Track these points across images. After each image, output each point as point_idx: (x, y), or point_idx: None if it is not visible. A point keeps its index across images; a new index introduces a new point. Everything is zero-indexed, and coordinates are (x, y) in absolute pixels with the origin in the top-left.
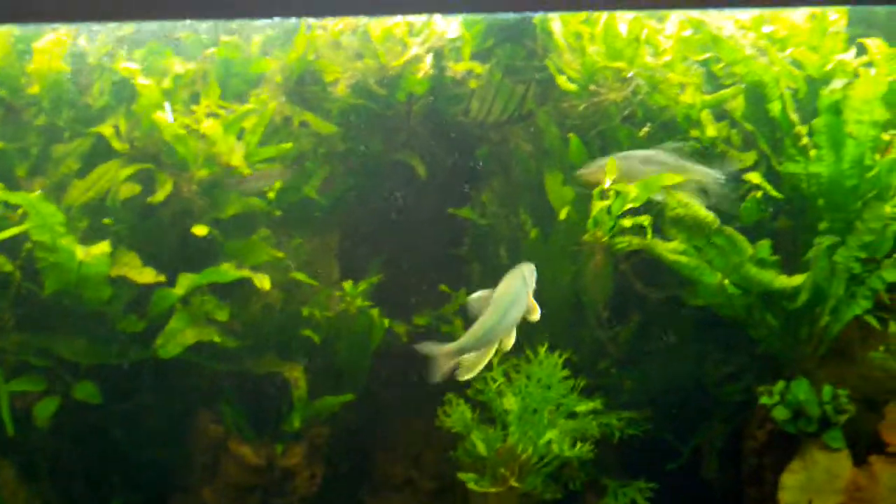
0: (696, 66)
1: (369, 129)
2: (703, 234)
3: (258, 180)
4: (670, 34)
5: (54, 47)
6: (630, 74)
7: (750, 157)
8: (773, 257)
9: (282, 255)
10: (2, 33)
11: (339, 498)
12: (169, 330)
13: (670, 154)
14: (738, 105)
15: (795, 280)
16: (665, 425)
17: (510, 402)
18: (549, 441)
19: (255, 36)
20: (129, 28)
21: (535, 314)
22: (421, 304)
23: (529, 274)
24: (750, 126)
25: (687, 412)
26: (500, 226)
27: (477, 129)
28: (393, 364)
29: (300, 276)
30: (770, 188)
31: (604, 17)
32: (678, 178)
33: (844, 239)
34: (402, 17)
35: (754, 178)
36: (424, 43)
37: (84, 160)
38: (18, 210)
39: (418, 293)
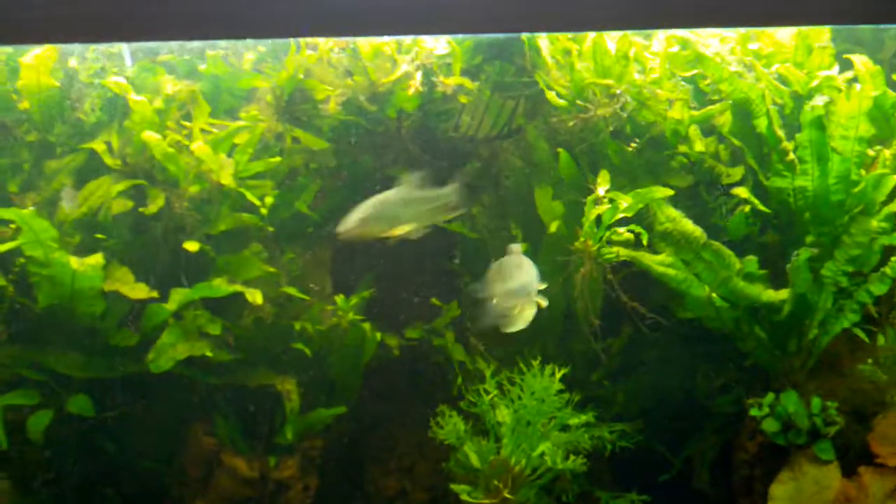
0: (684, 83)
1: (360, 145)
2: (692, 248)
3: None
4: (657, 51)
5: (41, 62)
6: (619, 91)
7: (738, 172)
8: (761, 271)
9: (274, 269)
10: None
11: None
12: (161, 345)
13: (418, 184)
14: (725, 121)
15: (782, 294)
16: (656, 437)
17: (503, 415)
18: (543, 453)
19: (247, 53)
20: (118, 45)
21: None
22: (412, 318)
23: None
24: (737, 141)
25: (678, 424)
26: (490, 239)
27: (467, 145)
28: (385, 377)
29: (292, 290)
30: (758, 203)
31: (591, 34)
32: (668, 191)
33: (832, 253)
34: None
35: (742, 192)
36: (414, 60)
37: (76, 176)
38: (11, 225)
39: (410, 307)
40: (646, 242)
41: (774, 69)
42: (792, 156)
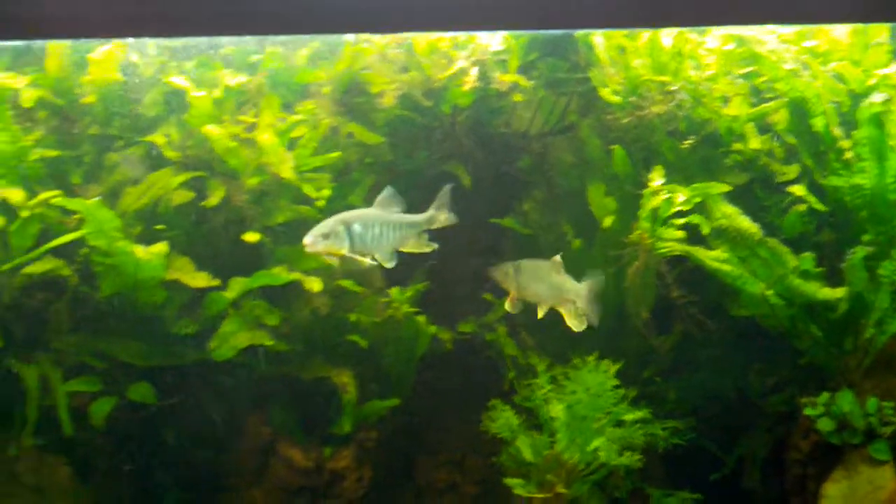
0: (739, 80)
1: (414, 139)
2: (747, 245)
3: None
4: (712, 48)
5: (109, 58)
6: (674, 88)
7: (793, 170)
8: (817, 269)
9: (330, 261)
10: (59, 46)
11: (385, 501)
12: (222, 333)
13: (389, 204)
14: (780, 118)
15: (838, 292)
16: (708, 435)
17: (557, 409)
18: (597, 448)
19: (302, 48)
20: (179, 41)
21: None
22: (464, 313)
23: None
24: (793, 139)
25: (730, 422)
26: (541, 235)
27: (519, 141)
28: (437, 370)
29: (347, 283)
30: (814, 201)
31: (646, 32)
32: (725, 187)
33: (888, 252)
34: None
35: (798, 190)
36: (470, 56)
37: (137, 168)
38: (75, 216)
39: (461, 301)
40: (706, 232)
41: (831, 67)
42: (849, 154)
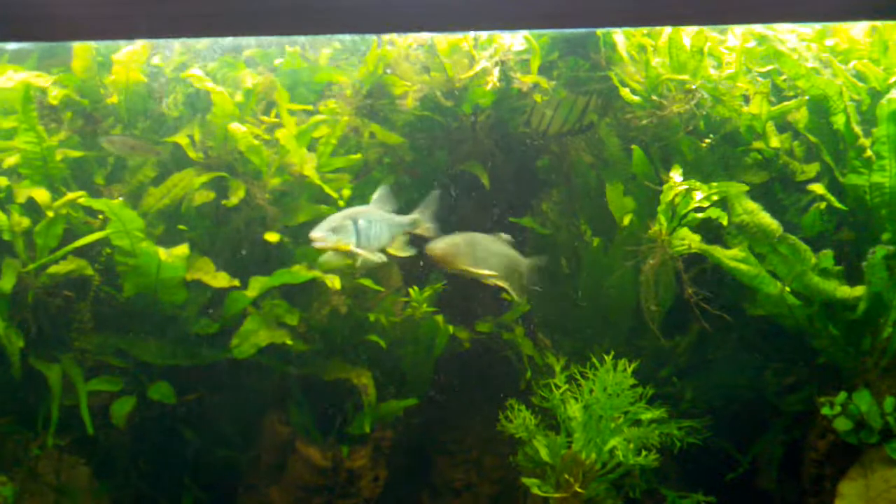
0: (760, 78)
1: (435, 139)
2: (768, 241)
3: None
4: (732, 47)
5: (133, 58)
6: (694, 87)
7: (812, 169)
8: (836, 267)
9: (349, 261)
10: (85, 47)
11: (401, 501)
12: (243, 331)
13: (384, 202)
14: (801, 117)
15: (857, 290)
16: (723, 435)
17: (574, 409)
18: (613, 448)
19: (324, 49)
20: (204, 42)
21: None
22: (481, 312)
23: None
24: (813, 138)
25: (746, 422)
26: (560, 234)
27: (538, 140)
28: (454, 369)
29: (366, 282)
30: (833, 199)
31: (667, 29)
32: (743, 187)
33: None
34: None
35: (818, 189)
36: (492, 56)
37: (160, 168)
38: (98, 216)
39: (479, 301)
40: (727, 227)
41: (851, 65)
42: (869, 152)
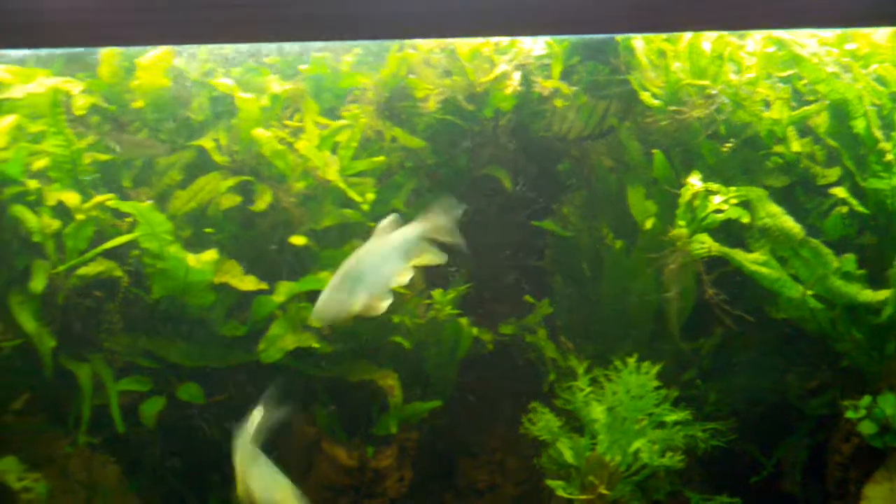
0: (780, 83)
1: (456, 143)
2: (790, 244)
3: None
4: (753, 52)
5: (157, 63)
6: (714, 91)
7: (833, 173)
8: (859, 271)
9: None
10: (111, 53)
11: (426, 501)
12: (270, 335)
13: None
14: (821, 121)
15: (881, 294)
16: (747, 438)
17: (598, 411)
18: (638, 450)
19: (346, 55)
20: (228, 48)
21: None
22: (504, 314)
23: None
24: (834, 142)
25: (770, 425)
26: (581, 238)
27: (559, 144)
28: (477, 371)
29: None
30: (855, 203)
31: (687, 35)
32: (762, 191)
33: None
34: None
35: (840, 192)
36: (512, 61)
37: (185, 172)
38: (126, 218)
39: (502, 303)
40: (748, 231)
41: (872, 69)
42: (890, 156)
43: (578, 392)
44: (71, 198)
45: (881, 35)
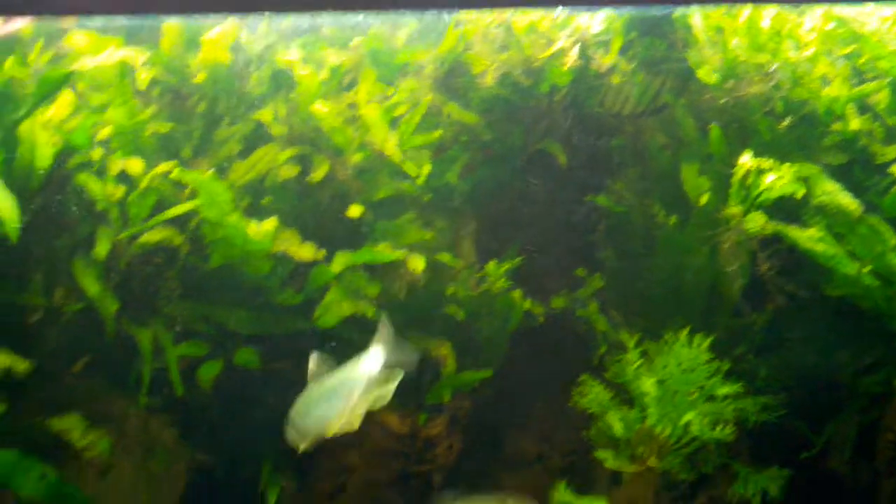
0: (840, 60)
1: (511, 118)
2: (847, 221)
3: None
4: (812, 27)
5: (222, 39)
6: (773, 68)
7: (893, 151)
8: None
9: (430, 235)
10: (173, 26)
11: (474, 469)
12: (327, 302)
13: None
14: (881, 98)
15: None
16: (797, 414)
17: (648, 384)
18: (688, 423)
19: (401, 30)
20: (287, 22)
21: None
22: (557, 288)
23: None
24: (893, 120)
25: (821, 402)
26: (633, 213)
27: (612, 120)
28: (528, 343)
29: (445, 257)
30: None
31: (746, 10)
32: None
33: None
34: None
35: None
36: (571, 36)
37: (244, 143)
38: (185, 189)
39: (554, 277)
40: (801, 196)
41: None
42: None
43: (629, 365)
44: (135, 166)
45: None
